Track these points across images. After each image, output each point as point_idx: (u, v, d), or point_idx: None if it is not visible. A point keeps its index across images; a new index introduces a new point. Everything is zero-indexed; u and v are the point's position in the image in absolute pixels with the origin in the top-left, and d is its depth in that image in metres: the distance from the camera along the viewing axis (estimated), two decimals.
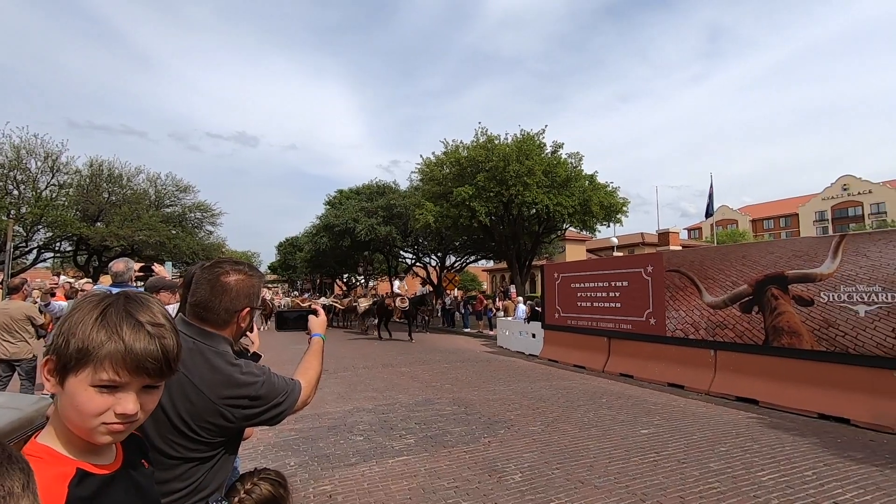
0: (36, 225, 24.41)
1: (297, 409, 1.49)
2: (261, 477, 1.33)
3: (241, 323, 1.47)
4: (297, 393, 1.48)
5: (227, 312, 1.41)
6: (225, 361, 1.35)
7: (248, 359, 1.94)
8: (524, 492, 3.86)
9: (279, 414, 1.41)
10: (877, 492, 3.80)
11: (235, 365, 1.37)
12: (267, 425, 1.42)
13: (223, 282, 1.41)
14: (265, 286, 26.56)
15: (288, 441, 5.24)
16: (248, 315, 1.48)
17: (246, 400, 1.32)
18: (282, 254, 48.75)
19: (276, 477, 1.36)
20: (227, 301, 1.40)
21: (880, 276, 5.83)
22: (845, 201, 64.00)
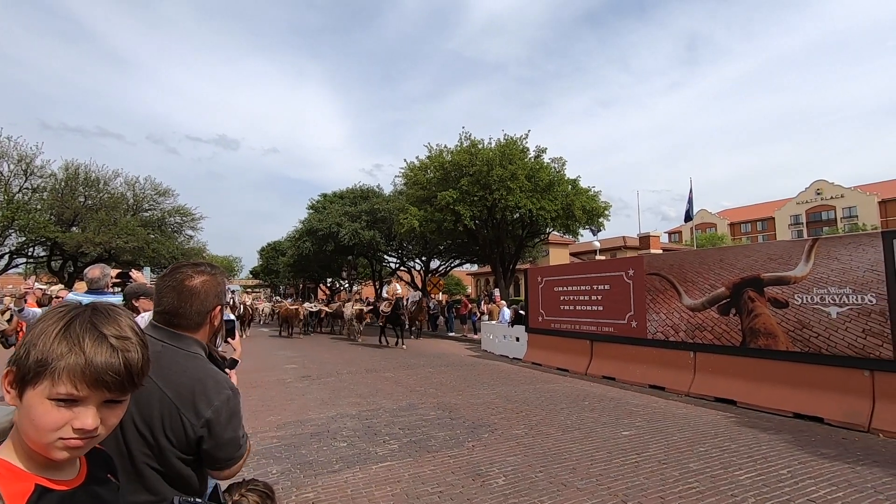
0: (7, 229, 23.73)
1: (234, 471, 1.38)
2: (248, 488, 1.33)
3: (214, 321, 1.46)
4: (246, 446, 1.41)
5: (199, 315, 1.40)
6: (196, 365, 1.33)
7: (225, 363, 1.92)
8: (507, 495, 3.88)
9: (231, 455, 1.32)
10: (848, 488, 3.91)
11: (207, 370, 1.35)
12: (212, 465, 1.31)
13: (189, 286, 1.40)
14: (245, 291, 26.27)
15: (269, 449, 5.18)
16: (220, 313, 1.48)
17: (209, 411, 1.26)
18: (264, 258, 48.13)
19: (265, 489, 1.35)
20: (197, 304, 1.39)
21: (850, 278, 6.02)
22: (819, 205, 65.80)
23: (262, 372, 10.55)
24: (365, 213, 25.43)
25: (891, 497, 3.72)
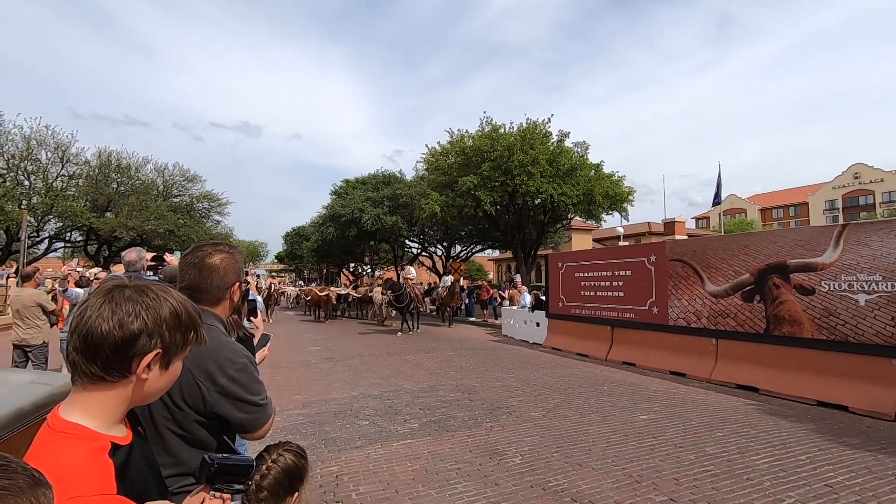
0: (46, 215, 24.76)
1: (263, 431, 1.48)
2: (285, 448, 1.46)
3: (233, 297, 1.55)
4: (272, 408, 1.50)
5: (218, 290, 1.50)
6: (213, 336, 1.38)
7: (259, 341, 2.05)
8: (523, 473, 3.99)
9: (254, 414, 1.41)
10: (868, 475, 3.89)
11: (223, 341, 1.43)
12: (239, 428, 1.43)
13: (209, 263, 1.49)
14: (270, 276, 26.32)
15: (296, 425, 5.41)
16: (238, 290, 1.57)
17: (224, 378, 1.35)
18: (289, 244, 49.04)
19: (298, 449, 1.49)
20: (217, 280, 1.49)
21: (881, 265, 5.87)
22: (856, 190, 63.19)
23: (287, 354, 10.88)
24: (387, 199, 25.62)
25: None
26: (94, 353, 0.86)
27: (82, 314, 0.89)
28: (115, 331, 0.87)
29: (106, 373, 0.87)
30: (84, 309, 0.90)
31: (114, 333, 0.86)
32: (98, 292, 0.92)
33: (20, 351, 5.79)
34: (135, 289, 0.92)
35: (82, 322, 0.87)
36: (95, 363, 0.86)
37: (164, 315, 0.92)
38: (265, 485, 1.37)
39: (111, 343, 0.86)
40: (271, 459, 1.42)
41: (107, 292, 0.91)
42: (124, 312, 0.88)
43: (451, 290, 17.08)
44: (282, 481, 1.39)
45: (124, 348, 0.87)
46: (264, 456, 1.44)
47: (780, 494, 3.54)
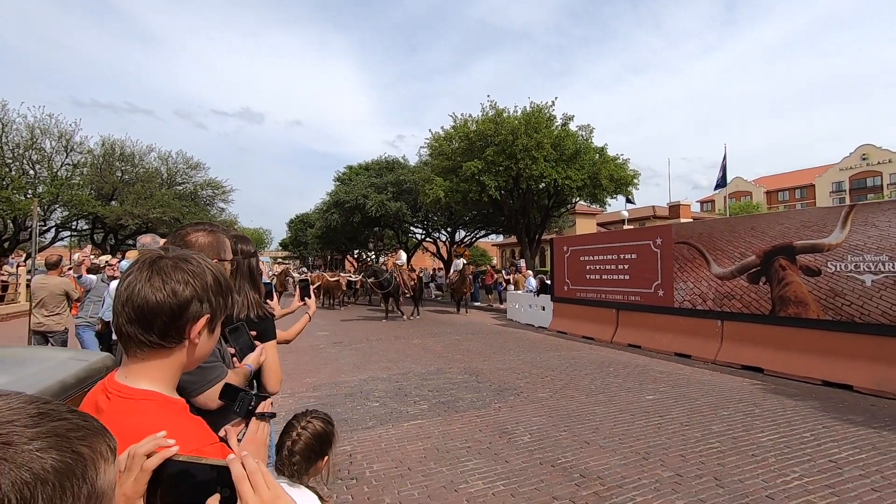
0: (52, 204, 24.88)
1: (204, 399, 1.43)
2: (313, 416, 1.53)
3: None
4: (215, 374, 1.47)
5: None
6: None
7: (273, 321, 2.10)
8: (532, 451, 4.09)
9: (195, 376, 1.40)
10: (871, 451, 3.96)
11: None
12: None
13: (187, 241, 1.55)
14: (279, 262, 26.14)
15: (308, 407, 5.50)
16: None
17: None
18: (293, 230, 49.14)
19: (325, 416, 1.57)
20: None
21: (888, 245, 5.87)
22: (864, 171, 62.49)
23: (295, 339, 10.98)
24: (391, 185, 25.57)
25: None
26: (151, 323, 0.90)
27: (130, 287, 0.91)
28: (170, 299, 0.90)
29: (164, 340, 0.91)
30: (131, 282, 0.92)
31: (169, 301, 0.90)
32: (140, 263, 0.94)
33: (40, 337, 5.90)
34: (177, 258, 0.95)
35: (134, 294, 0.90)
36: (153, 332, 0.90)
37: (209, 281, 0.95)
38: (297, 449, 1.44)
39: (167, 311, 0.90)
40: (301, 426, 1.49)
41: (151, 263, 0.93)
42: (175, 281, 0.91)
43: (461, 275, 16.00)
44: (313, 446, 1.46)
45: (179, 314, 0.91)
46: (293, 423, 1.51)
47: (785, 470, 3.61)
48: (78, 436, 0.51)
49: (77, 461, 0.49)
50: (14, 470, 0.44)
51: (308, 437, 1.47)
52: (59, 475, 0.47)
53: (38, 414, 0.50)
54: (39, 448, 0.47)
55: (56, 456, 0.47)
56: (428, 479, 3.61)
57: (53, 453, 0.47)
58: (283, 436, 1.50)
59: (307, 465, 1.45)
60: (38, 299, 5.88)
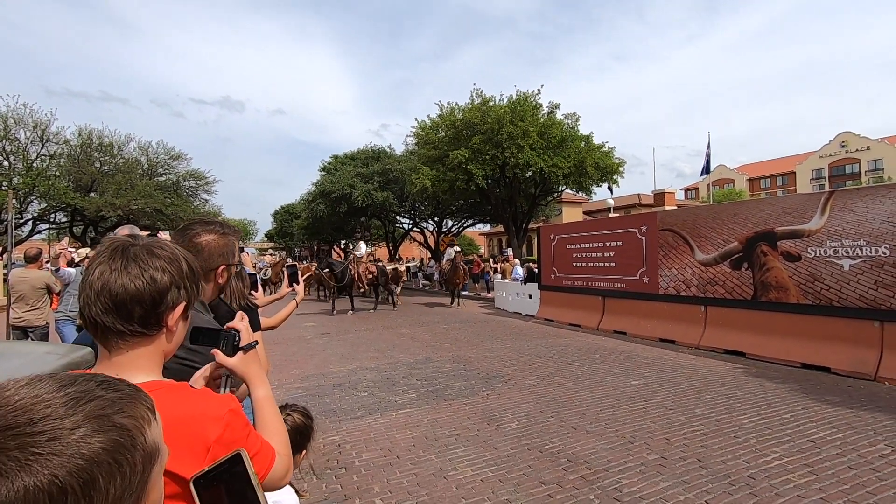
0: (29, 196, 24.24)
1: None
2: (292, 409, 1.52)
3: (219, 279, 1.50)
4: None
5: (202, 272, 1.43)
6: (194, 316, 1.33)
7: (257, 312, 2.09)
8: (520, 437, 4.13)
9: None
10: (848, 430, 4.08)
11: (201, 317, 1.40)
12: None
13: (196, 243, 1.45)
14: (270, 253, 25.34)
15: (296, 398, 5.50)
16: (225, 272, 1.51)
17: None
18: (278, 221, 48.63)
19: (304, 410, 1.55)
20: (200, 262, 1.42)
21: (865, 230, 6.00)
22: (843, 158, 63.68)
23: (283, 329, 10.92)
24: (377, 175, 25.39)
25: (889, 438, 3.89)
26: (130, 312, 0.87)
27: (103, 276, 0.87)
28: (150, 286, 0.88)
29: (146, 328, 0.89)
30: (104, 271, 0.88)
31: (149, 288, 0.88)
32: (111, 252, 0.90)
33: (20, 332, 5.77)
34: (149, 245, 0.93)
35: (109, 283, 0.86)
36: (133, 321, 0.88)
37: (184, 268, 0.94)
38: None
39: (147, 298, 0.88)
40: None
41: (122, 251, 0.90)
42: (153, 268, 0.89)
43: (453, 264, 14.82)
44: (291, 439, 1.46)
45: (158, 302, 0.89)
46: None
47: (766, 450, 3.71)
48: (115, 410, 0.53)
49: (122, 434, 0.51)
50: (68, 461, 0.46)
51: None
52: (110, 453, 0.49)
53: (70, 400, 0.50)
54: (84, 435, 0.48)
55: (101, 437, 0.49)
56: (417, 466, 3.64)
57: (98, 436, 0.49)
58: None
59: None
60: (18, 293, 5.74)
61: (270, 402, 1.10)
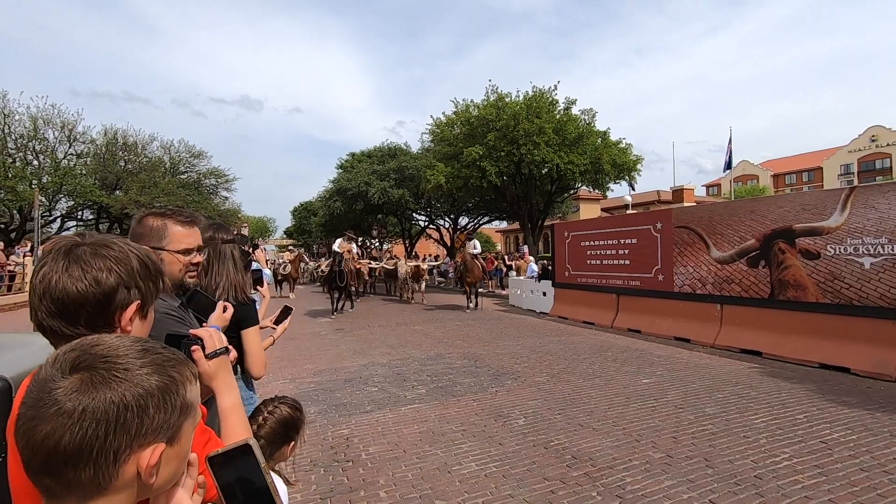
0: (57, 194, 25.03)
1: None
2: (281, 401, 1.57)
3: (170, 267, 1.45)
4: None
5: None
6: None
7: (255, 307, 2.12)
8: (526, 434, 4.14)
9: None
10: (863, 432, 3.99)
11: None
12: None
13: (134, 227, 1.50)
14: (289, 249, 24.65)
15: (307, 392, 5.60)
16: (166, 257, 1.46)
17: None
18: (297, 219, 49.26)
19: (294, 402, 1.60)
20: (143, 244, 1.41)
21: (887, 227, 5.83)
22: (873, 153, 61.59)
23: (298, 325, 11.12)
24: (393, 172, 25.49)
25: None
26: (75, 315, 0.84)
27: (45, 278, 0.85)
28: (93, 288, 0.85)
29: (94, 330, 0.84)
30: (46, 272, 0.85)
31: (92, 292, 0.85)
32: (55, 252, 0.87)
33: None
34: (96, 244, 0.89)
35: (51, 286, 0.84)
36: (79, 324, 0.85)
37: (134, 266, 0.90)
38: (262, 433, 1.48)
39: (91, 301, 0.85)
40: (268, 411, 1.53)
41: (66, 251, 0.87)
42: (97, 269, 0.85)
43: (465, 261, 13.23)
44: (278, 430, 1.51)
45: (106, 304, 0.86)
46: (261, 408, 1.55)
47: (776, 451, 3.65)
48: (170, 364, 0.68)
49: (172, 382, 0.67)
50: (133, 387, 0.62)
51: (274, 423, 1.51)
52: (161, 391, 0.65)
53: (142, 349, 0.67)
54: (147, 373, 0.64)
55: (157, 378, 0.65)
56: (422, 460, 3.68)
57: (156, 376, 0.65)
58: (251, 419, 1.54)
59: (272, 449, 1.49)
60: None
61: (237, 410, 1.08)
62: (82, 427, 0.58)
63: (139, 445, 0.62)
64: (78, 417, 0.58)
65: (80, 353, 0.63)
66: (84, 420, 0.58)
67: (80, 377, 0.61)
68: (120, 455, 0.61)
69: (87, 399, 0.59)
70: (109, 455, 0.60)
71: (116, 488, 0.62)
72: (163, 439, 0.65)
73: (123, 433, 0.60)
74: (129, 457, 0.61)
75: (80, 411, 0.58)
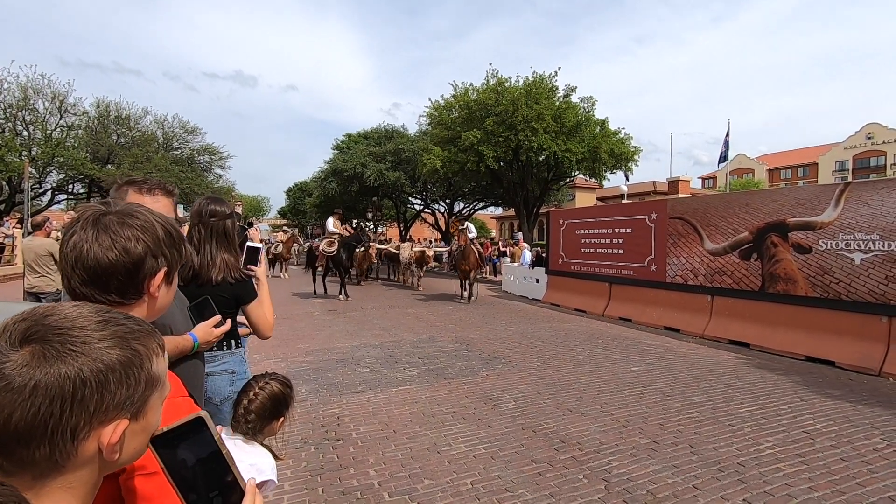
0: (48, 166, 24.65)
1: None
2: (271, 377, 1.57)
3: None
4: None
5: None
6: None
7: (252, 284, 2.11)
8: (516, 417, 4.20)
9: None
10: (845, 423, 4.07)
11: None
12: None
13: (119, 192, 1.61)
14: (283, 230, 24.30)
15: (299, 371, 5.62)
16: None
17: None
18: (291, 199, 48.91)
19: (284, 379, 1.60)
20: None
21: (879, 224, 5.88)
22: (868, 150, 61.83)
23: (291, 306, 11.13)
24: (389, 154, 25.30)
25: (886, 432, 3.87)
26: (107, 283, 0.88)
27: (77, 247, 0.87)
28: (123, 257, 0.88)
29: (124, 297, 0.90)
30: (77, 241, 0.88)
31: (122, 260, 0.88)
32: (83, 221, 0.90)
33: (33, 298, 5.95)
34: (122, 213, 0.92)
35: (82, 254, 0.87)
36: (110, 291, 0.89)
37: (160, 235, 0.93)
38: (253, 409, 1.49)
39: (122, 270, 0.88)
40: (258, 387, 1.53)
41: (94, 221, 0.89)
42: (125, 238, 0.88)
43: (462, 248, 12.02)
44: (267, 406, 1.51)
45: (135, 272, 0.90)
46: (252, 384, 1.56)
47: (759, 439, 3.72)
48: (134, 337, 0.64)
49: (135, 356, 0.63)
50: (92, 362, 0.59)
51: (264, 398, 1.51)
52: (123, 365, 0.61)
53: (102, 321, 0.63)
54: (107, 346, 0.61)
55: (119, 352, 0.61)
56: (412, 441, 3.72)
57: (117, 350, 0.61)
58: (241, 394, 1.54)
59: (262, 424, 1.50)
60: (27, 261, 5.91)
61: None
62: (34, 404, 0.54)
63: (99, 422, 0.59)
64: (29, 394, 0.54)
65: (32, 324, 0.59)
66: (36, 396, 0.55)
67: (31, 350, 0.57)
68: (78, 432, 0.58)
69: (38, 374, 0.55)
70: (66, 432, 0.57)
71: (76, 465, 0.59)
72: (126, 415, 0.62)
73: (81, 410, 0.57)
74: (88, 434, 0.58)
75: (31, 387, 0.55)
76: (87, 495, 0.63)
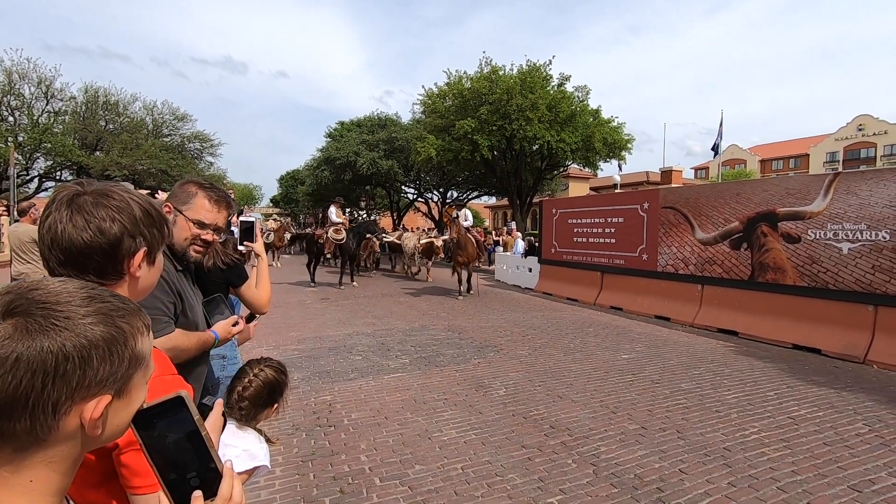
0: (35, 153, 24.24)
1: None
2: (266, 364, 1.57)
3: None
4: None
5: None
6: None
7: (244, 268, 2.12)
8: (507, 403, 4.23)
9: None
10: (829, 409, 4.15)
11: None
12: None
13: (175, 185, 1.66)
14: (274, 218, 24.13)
15: (291, 359, 5.63)
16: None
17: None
18: (283, 187, 48.54)
19: (279, 365, 1.60)
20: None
21: (867, 214, 5.94)
22: (859, 142, 62.26)
23: (284, 294, 11.09)
24: (382, 142, 25.11)
25: (868, 418, 3.95)
26: (83, 263, 0.87)
27: (52, 228, 0.86)
28: (98, 238, 0.86)
29: (102, 278, 0.89)
30: (51, 222, 0.87)
31: (97, 241, 0.86)
32: (58, 202, 0.89)
33: None
34: (97, 193, 0.90)
35: (57, 235, 0.86)
36: (88, 272, 0.87)
37: (137, 214, 0.92)
38: (247, 395, 1.49)
39: (98, 251, 0.87)
40: (253, 373, 1.53)
41: (69, 201, 0.88)
42: (99, 219, 0.87)
43: (458, 238, 11.02)
44: (262, 393, 1.51)
45: (112, 253, 0.88)
46: (246, 370, 1.55)
47: (745, 425, 3.79)
48: (119, 314, 0.64)
49: (119, 333, 0.62)
50: (75, 337, 0.58)
51: (259, 385, 1.51)
52: (106, 342, 0.61)
53: (87, 297, 0.62)
54: (91, 322, 0.60)
55: (103, 328, 0.61)
56: (403, 427, 3.75)
57: (101, 326, 0.61)
58: (235, 380, 1.54)
59: (256, 410, 1.50)
60: (13, 248, 5.84)
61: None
62: (16, 376, 0.55)
63: (82, 398, 0.59)
64: (10, 366, 0.55)
65: (16, 297, 0.59)
66: (17, 369, 0.55)
67: (14, 322, 0.57)
68: (59, 406, 0.57)
69: (21, 346, 0.55)
70: (47, 406, 0.57)
71: (57, 440, 0.59)
72: (109, 391, 0.62)
73: (63, 384, 0.57)
74: (70, 409, 0.58)
75: (13, 360, 0.55)
76: (68, 470, 0.63)
